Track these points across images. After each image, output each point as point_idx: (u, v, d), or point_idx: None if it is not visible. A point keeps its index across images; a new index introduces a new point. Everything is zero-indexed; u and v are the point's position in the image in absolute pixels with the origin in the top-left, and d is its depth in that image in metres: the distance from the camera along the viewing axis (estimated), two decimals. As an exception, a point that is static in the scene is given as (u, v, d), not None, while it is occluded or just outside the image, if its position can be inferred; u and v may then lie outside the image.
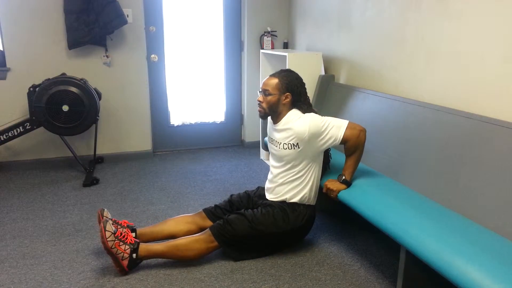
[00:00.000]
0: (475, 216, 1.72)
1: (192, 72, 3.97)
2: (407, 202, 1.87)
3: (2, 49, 3.30)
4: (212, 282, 1.95)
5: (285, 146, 2.10)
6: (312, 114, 2.10)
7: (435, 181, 1.97)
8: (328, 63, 3.34)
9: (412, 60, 2.43)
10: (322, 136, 2.04)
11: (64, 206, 2.78)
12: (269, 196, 2.23)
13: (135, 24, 3.53)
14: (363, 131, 2.06)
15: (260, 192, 2.33)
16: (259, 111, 2.19)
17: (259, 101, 2.16)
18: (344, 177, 2.09)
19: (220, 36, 3.97)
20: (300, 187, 2.14)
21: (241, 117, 4.25)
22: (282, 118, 2.14)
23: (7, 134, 3.16)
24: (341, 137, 2.03)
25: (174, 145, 4.07)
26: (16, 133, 3.18)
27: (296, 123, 2.07)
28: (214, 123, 4.17)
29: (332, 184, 2.11)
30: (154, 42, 3.74)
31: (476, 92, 2.03)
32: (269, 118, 2.25)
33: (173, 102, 3.97)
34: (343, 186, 2.09)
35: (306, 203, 2.17)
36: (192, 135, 4.11)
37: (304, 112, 2.12)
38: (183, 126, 4.07)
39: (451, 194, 1.87)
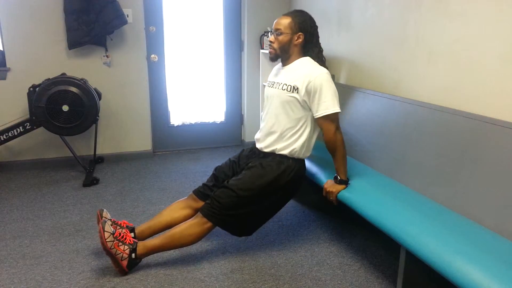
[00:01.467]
0: (475, 216, 1.72)
1: (192, 72, 3.97)
2: (407, 202, 1.87)
3: (2, 49, 3.30)
4: (212, 282, 1.95)
5: (285, 87, 2.06)
6: (325, 70, 2.04)
7: (435, 181, 1.97)
8: (328, 63, 3.31)
9: (412, 60, 2.43)
10: (315, 96, 1.99)
11: (64, 206, 2.78)
12: (259, 145, 2.18)
13: (135, 24, 3.53)
14: (339, 129, 2.02)
15: (245, 153, 2.28)
16: (270, 52, 2.12)
17: (270, 41, 2.10)
18: (339, 178, 2.08)
19: (220, 36, 3.97)
20: (292, 139, 2.08)
21: (241, 117, 4.25)
22: (293, 61, 2.10)
23: (7, 134, 3.16)
24: (319, 116, 1.99)
25: (174, 145, 4.07)
26: (16, 133, 3.18)
27: (307, 67, 2.03)
28: (214, 123, 4.17)
29: (331, 186, 2.10)
30: (154, 42, 3.74)
31: (476, 92, 2.03)
32: (275, 66, 2.19)
33: (173, 102, 3.97)
34: (341, 186, 2.08)
35: (296, 157, 2.11)
36: (192, 135, 4.11)
37: (316, 56, 2.09)
38: (183, 126, 4.07)
39: (451, 194, 1.87)
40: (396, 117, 2.35)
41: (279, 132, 2.10)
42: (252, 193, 2.03)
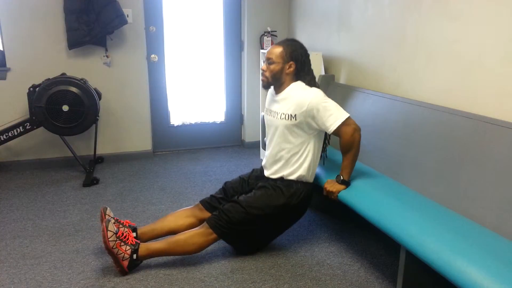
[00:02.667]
0: (475, 216, 1.72)
1: (192, 72, 3.97)
2: (407, 202, 1.87)
3: (2, 49, 3.30)
4: (212, 282, 1.95)
5: (283, 116, 2.07)
6: (317, 90, 2.06)
7: (435, 181, 1.97)
8: (328, 63, 3.34)
9: (412, 60, 2.43)
10: (318, 117, 2.00)
11: (64, 206, 2.78)
12: (267, 173, 2.20)
13: (135, 24, 3.53)
14: (358, 130, 2.03)
15: (255, 173, 2.31)
16: (262, 80, 2.15)
17: (263, 70, 2.12)
18: (342, 178, 2.08)
19: (220, 36, 3.98)
20: (297, 164, 2.11)
21: (241, 117, 4.25)
22: (284, 88, 2.11)
23: (7, 134, 3.16)
24: (334, 129, 1.99)
25: (174, 145, 4.07)
26: (16, 133, 3.18)
27: (299, 93, 2.04)
28: (214, 123, 4.17)
29: (331, 185, 2.10)
30: (154, 42, 3.74)
31: (476, 92, 2.03)
32: (269, 90, 2.21)
33: (173, 102, 3.97)
34: (342, 186, 2.08)
35: (304, 180, 2.14)
36: (192, 135, 4.11)
37: (307, 84, 2.09)
38: (183, 126, 4.07)
39: (451, 194, 1.87)
40: (396, 117, 2.35)
41: (284, 160, 2.13)
42: (260, 212, 2.06)
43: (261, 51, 3.65)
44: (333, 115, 2.00)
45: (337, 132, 2.01)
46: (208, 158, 3.88)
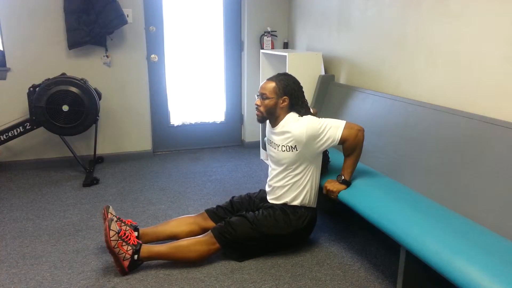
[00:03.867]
0: (475, 216, 1.72)
1: (192, 72, 3.97)
2: (407, 202, 1.87)
3: (2, 49, 3.30)
4: (212, 282, 1.95)
5: (284, 149, 2.10)
6: (309, 116, 2.11)
7: (435, 181, 1.97)
8: (328, 63, 3.34)
9: (412, 60, 2.43)
10: (320, 138, 2.04)
11: (64, 206, 2.78)
12: (270, 199, 2.23)
13: (135, 24, 3.53)
14: (361, 130, 2.06)
15: (262, 194, 2.34)
16: (257, 114, 2.19)
17: (257, 104, 2.16)
18: (343, 177, 2.09)
19: (220, 36, 3.97)
20: (299, 189, 2.14)
21: (241, 117, 4.25)
22: (280, 122, 2.14)
23: (7, 134, 3.16)
24: (339, 137, 2.03)
25: (174, 145, 4.07)
26: (16, 133, 3.18)
27: (294, 126, 2.07)
28: (214, 123, 4.17)
29: (332, 185, 2.11)
30: (154, 42, 3.74)
31: (476, 92, 2.03)
32: (267, 121, 2.25)
33: (173, 102, 3.97)
34: (343, 186, 2.09)
35: (307, 205, 2.17)
36: (192, 135, 4.11)
37: (301, 115, 2.13)
38: (183, 126, 4.07)
39: (451, 194, 1.87)
40: (396, 117, 2.35)
41: (287, 187, 2.15)
42: (267, 230, 2.08)
43: (261, 51, 3.65)
44: (332, 128, 2.04)
45: (342, 139, 2.04)
46: (208, 158, 3.88)
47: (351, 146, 2.05)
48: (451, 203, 1.84)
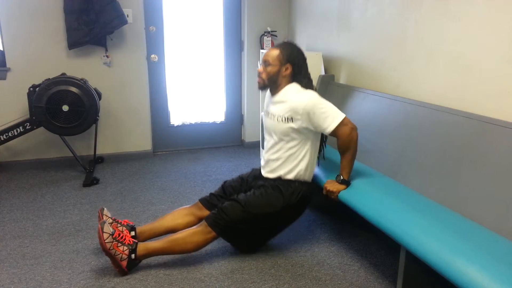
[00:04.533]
0: (475, 216, 1.72)
1: (192, 72, 3.97)
2: (407, 202, 1.87)
3: (2, 49, 3.30)
4: (212, 282, 1.95)
5: (279, 119, 2.08)
6: (312, 92, 2.07)
7: (435, 181, 1.97)
8: (328, 63, 3.34)
9: (412, 60, 2.43)
10: (315, 119, 2.01)
11: (64, 206, 2.78)
12: (264, 173, 2.21)
13: (135, 24, 3.53)
14: (355, 129, 2.04)
15: (254, 173, 2.31)
16: (258, 82, 2.16)
17: (259, 71, 2.14)
18: (342, 177, 2.09)
19: (220, 36, 3.98)
20: (295, 163, 2.12)
21: (241, 117, 4.25)
22: (280, 90, 2.12)
23: (7, 134, 3.16)
24: (332, 129, 2.00)
25: (174, 145, 4.07)
26: (16, 133, 3.18)
27: (294, 96, 2.05)
28: (214, 123, 4.17)
29: (332, 185, 2.10)
30: (154, 42, 3.74)
31: (476, 92, 2.03)
32: (267, 92, 2.22)
33: (173, 102, 3.97)
34: (343, 186, 2.08)
35: (302, 180, 2.15)
36: (192, 135, 4.11)
37: (303, 87, 2.10)
38: (183, 126, 4.07)
39: (451, 194, 1.87)
40: (396, 117, 2.35)
41: (282, 160, 2.13)
42: (259, 211, 2.06)
43: (261, 51, 3.64)
44: (330, 117, 2.01)
45: (334, 132, 2.01)
46: (208, 158, 3.88)
47: (344, 144, 2.03)
48: (451, 203, 1.84)
